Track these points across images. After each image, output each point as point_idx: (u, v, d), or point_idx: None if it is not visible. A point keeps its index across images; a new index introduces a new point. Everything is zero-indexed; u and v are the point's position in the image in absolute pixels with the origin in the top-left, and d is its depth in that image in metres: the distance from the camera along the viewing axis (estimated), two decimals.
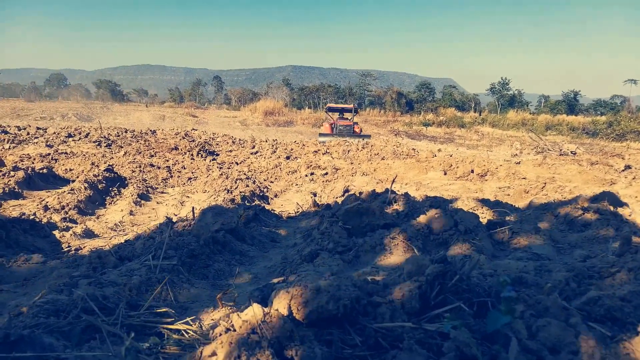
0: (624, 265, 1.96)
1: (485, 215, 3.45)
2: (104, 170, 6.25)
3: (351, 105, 25.36)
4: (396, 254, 2.52)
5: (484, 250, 2.54)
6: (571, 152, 14.31)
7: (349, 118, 24.32)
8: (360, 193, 4.17)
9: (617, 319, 1.53)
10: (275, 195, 6.28)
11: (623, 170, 8.53)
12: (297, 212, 4.89)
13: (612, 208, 3.68)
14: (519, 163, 9.11)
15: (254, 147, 11.97)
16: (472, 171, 7.48)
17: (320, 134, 21.35)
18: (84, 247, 3.44)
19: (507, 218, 3.48)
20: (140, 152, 9.56)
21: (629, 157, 12.47)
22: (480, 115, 39.29)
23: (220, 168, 8.03)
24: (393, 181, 4.10)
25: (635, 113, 36.47)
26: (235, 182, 6.02)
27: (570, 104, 51.81)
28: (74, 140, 11.55)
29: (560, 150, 14.75)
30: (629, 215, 3.58)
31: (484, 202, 4.21)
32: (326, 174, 7.94)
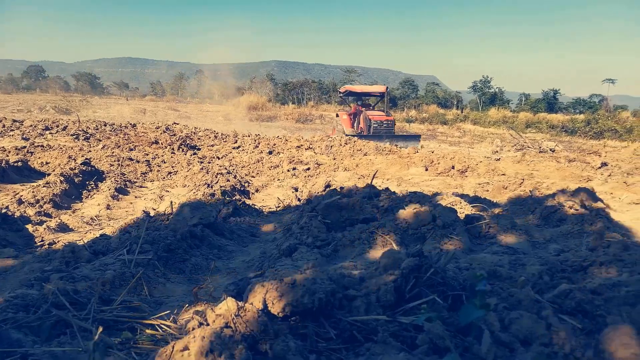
0: (596, 259, 2.00)
1: (464, 211, 3.48)
2: (81, 164, 6.13)
3: (382, 89, 17.15)
4: (375, 248, 2.52)
5: (461, 244, 2.57)
6: (550, 149, 14.57)
7: (383, 109, 16.87)
8: (342, 188, 4.17)
9: (587, 311, 1.56)
10: (257, 190, 6.25)
11: (599, 168, 8.71)
12: (278, 206, 4.87)
13: (587, 204, 3.76)
14: (498, 160, 9.24)
15: (236, 141, 11.87)
16: (453, 167, 7.55)
17: (347, 136, 13.84)
18: (58, 241, 3.36)
19: (485, 213, 3.52)
20: (119, 146, 9.41)
21: (605, 155, 12.73)
22: (462, 112, 39.73)
23: (201, 162, 7.94)
24: (374, 176, 4.11)
25: (612, 112, 37.30)
26: (216, 177, 5.96)
27: (550, 103, 52.71)
28: (51, 133, 11.29)
29: (540, 147, 15.01)
30: (603, 211, 3.66)
31: (464, 197, 4.25)
32: (308, 169, 7.92)
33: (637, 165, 8.72)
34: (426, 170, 7.68)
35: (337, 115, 18.39)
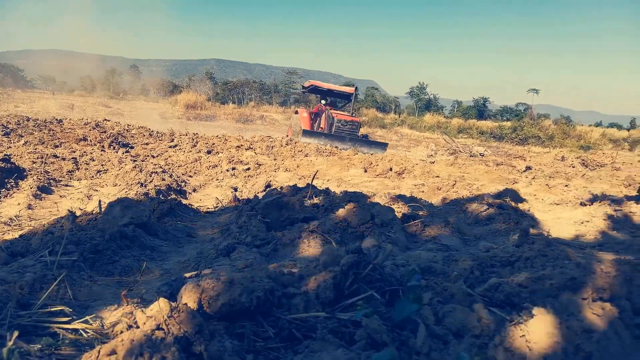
0: (522, 254, 2.12)
1: (401, 210, 3.57)
2: (0, 160, 5.63)
3: (350, 89, 16.44)
4: (314, 246, 2.52)
5: (397, 242, 2.62)
6: (480, 153, 15.40)
7: (350, 111, 16.23)
8: (282, 188, 4.14)
9: (515, 303, 1.64)
10: (194, 190, 6.05)
11: (524, 171, 9.32)
12: (217, 206, 4.75)
13: (513, 204, 3.99)
14: (433, 162, 9.62)
15: (172, 140, 11.46)
16: (391, 169, 7.75)
17: (305, 132, 13.95)
18: None
19: (421, 212, 3.63)
20: (43, 142, 8.75)
21: (529, 159, 13.65)
22: (399, 117, 40.98)
23: (135, 161, 7.58)
24: (314, 176, 4.12)
25: (536, 120, 40.10)
26: (150, 176, 5.71)
27: (480, 110, 55.79)
28: None
29: (470, 151, 15.82)
30: (528, 210, 3.90)
31: (401, 197, 4.36)
32: (248, 169, 7.80)
33: (557, 169, 9.41)
34: (365, 171, 7.82)
35: (296, 113, 17.23)
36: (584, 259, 1.89)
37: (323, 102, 16.43)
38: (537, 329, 1.36)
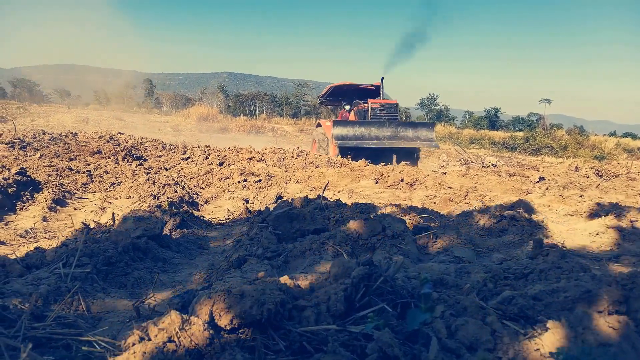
0: (535, 266, 2.09)
1: (412, 222, 3.55)
2: (16, 174, 5.73)
3: (376, 82, 14.09)
4: (325, 258, 2.51)
5: (409, 254, 2.61)
6: (492, 164, 15.28)
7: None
8: (293, 199, 4.15)
9: (529, 316, 1.61)
10: (206, 202, 6.09)
11: (537, 182, 9.21)
12: (228, 218, 4.77)
13: (526, 215, 3.94)
14: (445, 173, 9.56)
15: (185, 152, 11.57)
16: (402, 180, 7.72)
17: (336, 123, 12.19)
18: None
19: (432, 224, 3.61)
20: (58, 155, 8.90)
21: (543, 170, 13.50)
22: None
23: (148, 173, 7.66)
24: (325, 188, 4.12)
25: (549, 130, 39.77)
26: (163, 188, 5.76)
27: (492, 120, 55.49)
28: None
29: (482, 162, 15.71)
30: (542, 222, 3.85)
31: (412, 209, 4.34)
32: (260, 180, 7.84)
33: (571, 179, 9.29)
34: (376, 182, 7.80)
35: (319, 126, 14.88)
36: (599, 271, 1.86)
37: (347, 107, 14.21)
38: (552, 343, 1.34)
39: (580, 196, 5.58)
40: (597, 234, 3.44)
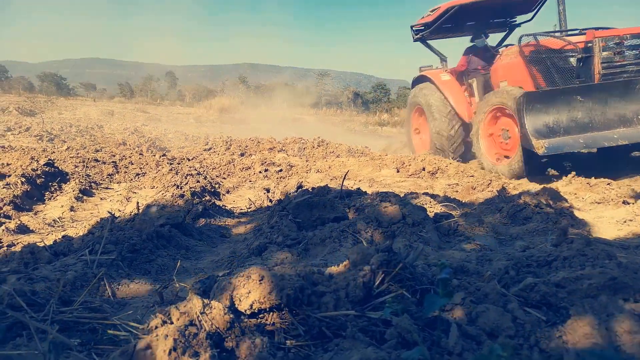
0: (559, 254, 2.05)
1: (433, 210, 3.52)
2: (44, 165, 5.90)
3: None
4: (345, 246, 2.52)
5: (430, 241, 2.59)
6: None
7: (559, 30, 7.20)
8: (313, 188, 4.16)
9: (551, 304, 1.58)
10: (228, 191, 6.16)
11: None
12: (249, 207, 4.82)
13: (552, 203, 3.86)
14: (467, 162, 9.42)
15: (207, 143, 11.71)
16: (424, 169, 7.64)
17: (528, 96, 5.65)
18: (17, 243, 3.22)
19: (454, 212, 3.57)
20: (84, 147, 9.13)
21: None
22: None
23: (171, 164, 7.79)
24: (344, 176, 4.11)
25: None
26: (186, 178, 5.85)
27: None
28: (13, 134, 10.87)
29: None
30: (568, 209, 3.76)
31: (434, 197, 4.30)
32: (280, 170, 7.88)
33: (598, 167, 9.04)
34: (398, 171, 7.74)
35: (421, 81, 9.08)
36: (625, 258, 1.81)
37: (478, 40, 8.23)
38: (575, 330, 1.32)
39: (608, 184, 5.43)
40: (625, 222, 3.35)
